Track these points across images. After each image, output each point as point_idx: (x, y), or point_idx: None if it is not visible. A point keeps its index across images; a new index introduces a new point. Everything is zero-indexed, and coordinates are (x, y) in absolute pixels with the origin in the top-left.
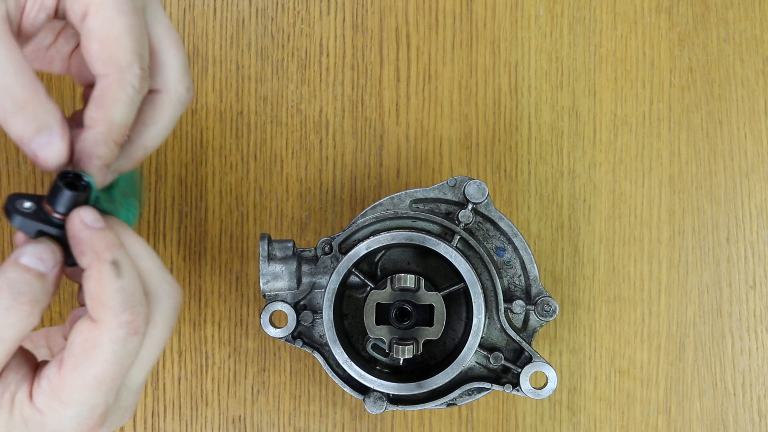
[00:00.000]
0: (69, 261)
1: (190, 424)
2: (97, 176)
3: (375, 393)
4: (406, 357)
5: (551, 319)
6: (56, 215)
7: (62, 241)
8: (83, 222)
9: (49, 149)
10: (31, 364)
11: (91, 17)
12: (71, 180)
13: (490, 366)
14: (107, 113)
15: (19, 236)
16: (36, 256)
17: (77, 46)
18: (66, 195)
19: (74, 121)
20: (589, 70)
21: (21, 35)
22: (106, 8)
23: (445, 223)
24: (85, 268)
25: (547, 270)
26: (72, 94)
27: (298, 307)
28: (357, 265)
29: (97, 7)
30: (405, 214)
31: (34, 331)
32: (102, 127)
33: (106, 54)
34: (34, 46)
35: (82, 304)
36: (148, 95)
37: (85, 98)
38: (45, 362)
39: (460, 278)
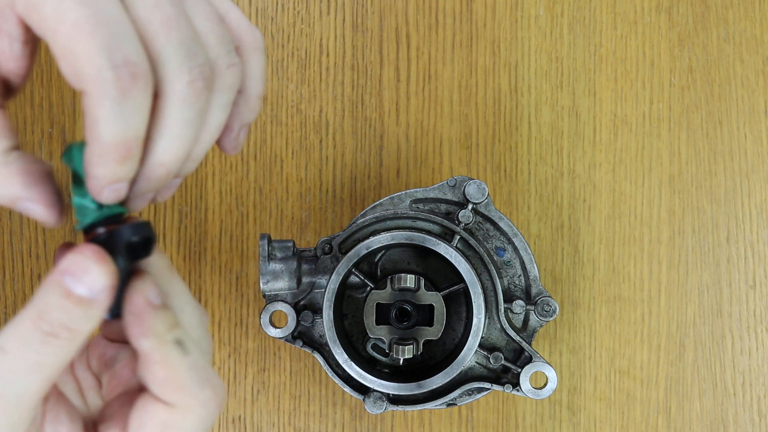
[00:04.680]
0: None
1: None
2: (104, 197)
3: (375, 393)
4: (406, 357)
5: (551, 319)
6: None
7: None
8: (147, 300)
9: (34, 211)
10: (81, 420)
11: (45, 35)
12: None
13: (490, 366)
14: (93, 133)
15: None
16: (75, 276)
17: None
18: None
19: None
20: (589, 70)
21: (10, 79)
22: (47, 12)
23: (445, 223)
24: (146, 352)
25: (547, 270)
26: (72, 93)
27: (298, 307)
28: (357, 265)
29: (42, 19)
30: (405, 214)
31: None
32: (94, 148)
33: (70, 70)
34: None
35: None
36: (155, 99)
37: None
38: (92, 422)
39: (460, 278)
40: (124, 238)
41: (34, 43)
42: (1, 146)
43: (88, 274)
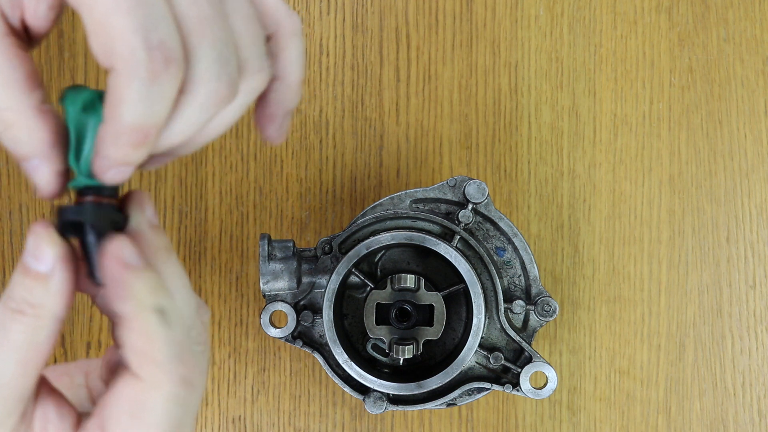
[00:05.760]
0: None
1: None
2: (107, 178)
3: (375, 393)
4: (406, 357)
5: (551, 319)
6: (111, 201)
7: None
8: (121, 260)
9: (39, 175)
10: (73, 417)
11: (80, 7)
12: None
13: (490, 366)
14: (113, 112)
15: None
16: (31, 253)
17: None
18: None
19: None
20: (589, 70)
21: (31, 32)
22: None
23: (445, 223)
24: (124, 317)
25: (547, 270)
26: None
27: (298, 307)
28: (357, 265)
29: None
30: (405, 214)
31: (72, 364)
32: (110, 127)
33: (102, 46)
34: None
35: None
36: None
37: None
38: (87, 417)
39: (460, 278)
40: (69, 217)
41: (59, 9)
42: (39, 94)
43: (40, 249)
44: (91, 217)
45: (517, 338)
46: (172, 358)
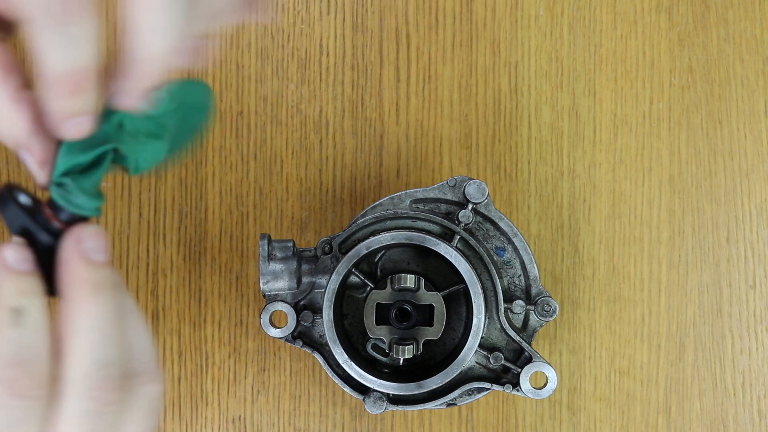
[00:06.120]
0: (51, 290)
1: (190, 424)
2: (65, 132)
3: (375, 393)
4: (406, 357)
5: (551, 319)
6: (55, 222)
7: (45, 256)
8: (3, 262)
9: (27, 164)
10: None
11: None
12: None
13: (490, 366)
14: (40, 66)
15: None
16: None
17: None
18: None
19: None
20: (589, 70)
21: (9, 20)
22: None
23: (445, 223)
24: None
25: (547, 270)
26: None
27: (298, 307)
28: (357, 265)
29: None
30: (405, 214)
31: None
32: (43, 81)
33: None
34: None
35: None
36: None
37: None
38: None
39: (460, 278)
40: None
41: None
42: (16, 81)
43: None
44: (10, 224)
45: (517, 338)
46: (5, 356)
